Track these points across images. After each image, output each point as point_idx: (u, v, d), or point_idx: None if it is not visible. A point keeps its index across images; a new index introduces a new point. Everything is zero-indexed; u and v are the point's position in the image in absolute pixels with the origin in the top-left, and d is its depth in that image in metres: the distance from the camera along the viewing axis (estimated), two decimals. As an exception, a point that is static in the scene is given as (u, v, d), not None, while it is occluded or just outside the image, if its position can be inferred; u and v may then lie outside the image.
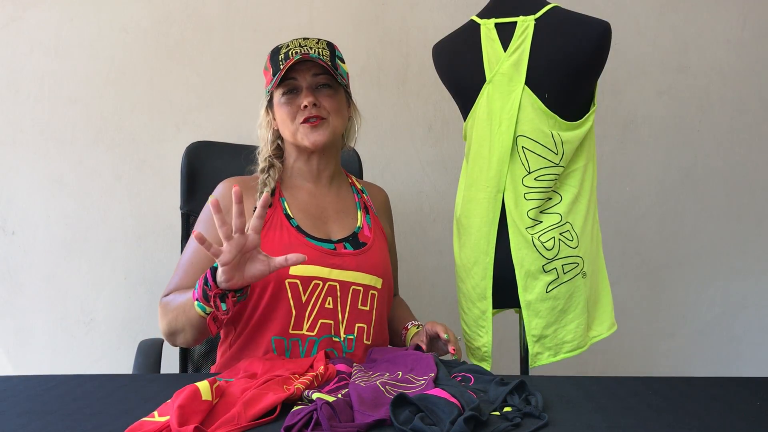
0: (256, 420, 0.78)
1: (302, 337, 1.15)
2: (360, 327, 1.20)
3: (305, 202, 1.27)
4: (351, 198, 1.34)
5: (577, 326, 1.27)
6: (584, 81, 1.27)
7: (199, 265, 1.20)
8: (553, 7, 1.27)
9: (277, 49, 1.26)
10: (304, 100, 1.22)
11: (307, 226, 1.23)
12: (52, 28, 1.87)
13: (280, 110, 1.25)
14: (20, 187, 1.87)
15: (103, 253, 1.89)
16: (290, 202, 1.25)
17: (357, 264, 1.21)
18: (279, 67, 1.22)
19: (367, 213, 1.33)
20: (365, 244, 1.26)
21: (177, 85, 1.89)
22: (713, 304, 2.01)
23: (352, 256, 1.22)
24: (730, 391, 0.94)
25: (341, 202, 1.31)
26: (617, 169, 1.97)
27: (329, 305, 1.17)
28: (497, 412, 0.82)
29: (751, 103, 1.97)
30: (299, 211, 1.24)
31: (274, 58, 1.25)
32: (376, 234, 1.30)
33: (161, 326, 1.18)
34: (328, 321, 1.17)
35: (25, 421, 0.81)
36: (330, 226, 1.26)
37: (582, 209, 1.28)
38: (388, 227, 1.41)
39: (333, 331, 1.17)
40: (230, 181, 1.28)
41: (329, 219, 1.27)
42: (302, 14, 1.91)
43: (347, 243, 1.24)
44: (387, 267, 1.28)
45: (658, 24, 1.95)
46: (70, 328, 1.89)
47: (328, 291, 1.17)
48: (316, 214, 1.26)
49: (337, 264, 1.19)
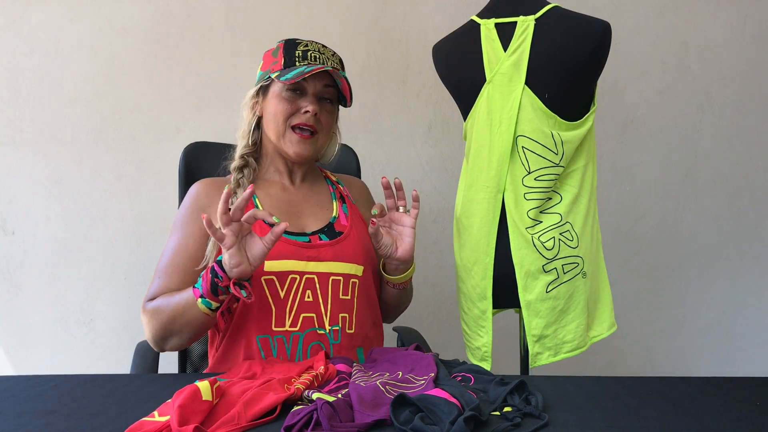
0: (256, 420, 0.78)
1: (286, 333, 1.14)
2: (343, 317, 1.19)
3: (278, 198, 1.27)
4: (325, 190, 1.34)
5: (577, 326, 1.27)
6: (584, 81, 1.27)
7: (180, 266, 1.18)
8: (553, 7, 1.27)
9: (294, 43, 1.25)
10: (308, 106, 1.21)
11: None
12: (52, 28, 1.87)
13: (278, 103, 1.23)
14: (20, 187, 1.87)
15: (103, 253, 1.89)
16: (262, 199, 1.25)
17: (334, 254, 1.21)
18: (294, 62, 1.21)
19: (344, 202, 1.32)
20: (341, 233, 1.25)
21: (177, 85, 1.89)
22: (713, 304, 2.01)
23: (328, 246, 1.21)
24: (730, 391, 0.94)
25: (315, 195, 1.31)
26: (617, 169, 1.97)
27: (309, 298, 1.17)
28: (497, 412, 0.82)
29: (751, 103, 1.97)
30: (272, 208, 1.24)
31: (290, 51, 1.23)
32: (353, 222, 1.29)
33: (149, 332, 1.15)
34: (310, 314, 1.16)
35: (25, 421, 0.81)
36: (304, 220, 1.25)
37: (582, 209, 1.28)
38: (368, 215, 1.39)
39: (317, 323, 1.16)
40: (203, 181, 1.28)
41: (303, 213, 1.27)
42: (302, 14, 1.91)
43: (322, 234, 1.23)
44: (369, 253, 1.26)
45: (658, 24, 1.96)
46: (70, 328, 1.89)
47: (306, 284, 1.17)
48: (289, 209, 1.26)
49: (313, 256, 1.19)
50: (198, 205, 1.24)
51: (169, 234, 1.25)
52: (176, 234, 1.23)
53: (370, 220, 1.17)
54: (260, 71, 1.29)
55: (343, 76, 1.23)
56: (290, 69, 1.21)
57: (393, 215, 1.22)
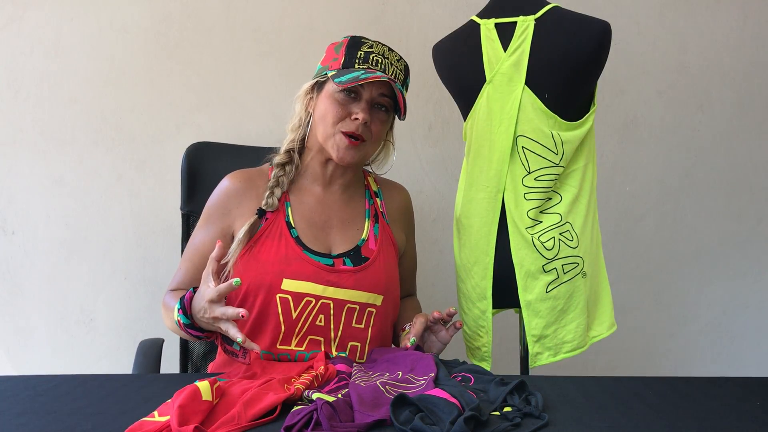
0: (256, 420, 0.78)
1: (291, 352, 1.13)
2: (353, 345, 1.17)
3: (310, 208, 1.22)
4: (361, 206, 1.28)
5: (577, 326, 1.27)
6: (584, 81, 1.27)
7: (197, 265, 1.18)
8: (553, 7, 1.27)
9: (359, 42, 1.19)
10: (360, 113, 1.15)
11: (307, 237, 1.18)
12: (52, 28, 1.86)
13: (330, 105, 1.17)
14: (20, 187, 1.87)
15: (103, 253, 1.89)
16: (295, 208, 1.21)
17: (355, 282, 1.17)
18: (353, 64, 1.16)
19: (377, 222, 1.27)
20: (367, 258, 1.21)
21: (177, 85, 1.89)
22: (713, 304, 2.01)
23: (350, 273, 1.17)
24: (730, 391, 0.94)
25: (349, 211, 1.26)
26: (617, 169, 1.97)
27: (320, 323, 1.14)
28: (497, 412, 0.83)
29: (751, 103, 1.97)
30: (302, 220, 1.20)
31: (352, 50, 1.17)
32: (382, 246, 1.24)
33: (165, 324, 1.18)
34: (318, 338, 1.14)
35: (25, 421, 0.81)
36: (332, 238, 1.21)
37: (582, 209, 1.28)
38: (402, 232, 1.34)
39: (323, 347, 1.14)
40: (235, 175, 1.23)
41: (333, 229, 1.22)
42: (302, 14, 1.91)
43: (347, 258, 1.19)
44: (390, 282, 1.23)
45: (658, 24, 1.95)
46: (70, 328, 1.89)
47: (321, 309, 1.14)
48: (319, 223, 1.21)
49: (333, 281, 1.15)
50: (227, 204, 1.21)
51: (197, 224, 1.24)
52: (201, 228, 1.22)
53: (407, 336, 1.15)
54: (320, 65, 1.23)
55: (399, 89, 1.16)
56: (348, 71, 1.15)
57: (433, 327, 1.19)
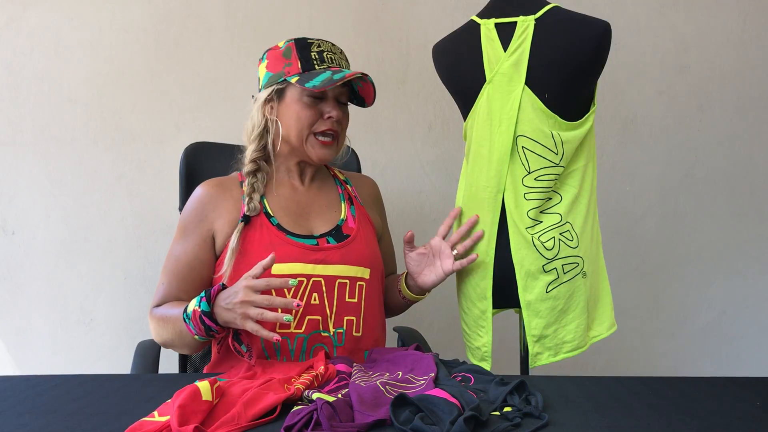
0: (256, 420, 0.78)
1: (290, 335, 1.15)
2: (349, 320, 1.20)
3: (286, 199, 1.26)
4: (334, 191, 1.33)
5: (577, 326, 1.27)
6: (584, 81, 1.27)
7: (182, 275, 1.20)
8: (553, 7, 1.27)
9: (306, 44, 1.22)
10: (332, 111, 1.21)
11: (287, 223, 1.22)
12: (52, 28, 1.86)
13: (300, 109, 1.21)
14: (20, 187, 1.87)
15: (103, 253, 1.89)
16: (270, 201, 1.24)
17: (341, 257, 1.21)
18: (313, 66, 1.20)
19: (352, 204, 1.32)
20: (349, 235, 1.25)
21: (177, 85, 1.89)
22: (713, 304, 2.01)
23: (335, 249, 1.21)
24: (730, 391, 0.94)
25: (323, 196, 1.31)
26: (617, 169, 1.97)
27: (315, 301, 1.17)
28: (497, 412, 0.82)
29: (751, 103, 1.97)
30: (280, 209, 1.23)
31: (305, 53, 1.20)
32: (361, 224, 1.29)
33: (155, 338, 1.20)
34: (316, 317, 1.17)
35: (25, 421, 0.81)
36: (312, 222, 1.25)
37: (582, 209, 1.28)
38: (377, 215, 1.39)
39: (321, 326, 1.17)
40: (207, 183, 1.26)
41: (311, 214, 1.27)
42: (302, 14, 1.91)
43: (330, 237, 1.23)
44: (375, 256, 1.28)
45: (658, 24, 1.95)
46: (70, 328, 1.89)
47: (313, 287, 1.17)
48: (297, 211, 1.25)
49: (321, 259, 1.19)
50: (202, 211, 1.23)
51: (174, 234, 1.25)
52: (179, 240, 1.23)
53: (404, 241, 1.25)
54: (268, 72, 1.24)
55: (370, 80, 1.22)
56: (313, 74, 1.18)
57: (442, 249, 1.27)
